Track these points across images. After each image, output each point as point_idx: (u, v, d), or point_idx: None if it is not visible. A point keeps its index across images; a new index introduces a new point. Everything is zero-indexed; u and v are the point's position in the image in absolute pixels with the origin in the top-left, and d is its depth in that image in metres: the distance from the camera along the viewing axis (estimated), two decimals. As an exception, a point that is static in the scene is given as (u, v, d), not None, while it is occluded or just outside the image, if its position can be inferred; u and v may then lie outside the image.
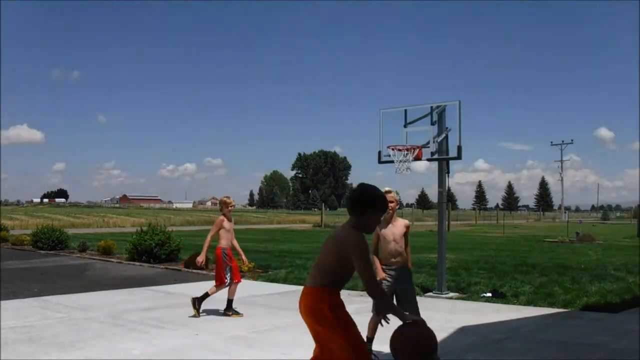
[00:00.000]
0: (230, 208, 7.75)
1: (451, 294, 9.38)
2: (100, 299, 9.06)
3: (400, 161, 9.30)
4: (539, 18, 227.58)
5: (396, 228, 5.40)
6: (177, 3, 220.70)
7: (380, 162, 9.77)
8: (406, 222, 5.58)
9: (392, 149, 9.40)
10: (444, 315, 7.66)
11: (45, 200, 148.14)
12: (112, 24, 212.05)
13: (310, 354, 3.33)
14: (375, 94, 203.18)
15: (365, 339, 4.44)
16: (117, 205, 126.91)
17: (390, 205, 5.18)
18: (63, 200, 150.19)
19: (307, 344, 6.05)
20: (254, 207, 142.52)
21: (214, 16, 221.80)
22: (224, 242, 7.60)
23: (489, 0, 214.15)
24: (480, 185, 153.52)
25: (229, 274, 7.55)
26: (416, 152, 9.30)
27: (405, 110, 9.67)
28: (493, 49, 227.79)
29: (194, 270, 12.72)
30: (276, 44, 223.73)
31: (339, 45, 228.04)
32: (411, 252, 5.72)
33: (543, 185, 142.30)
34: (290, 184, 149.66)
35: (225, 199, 7.81)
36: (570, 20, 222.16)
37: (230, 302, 7.66)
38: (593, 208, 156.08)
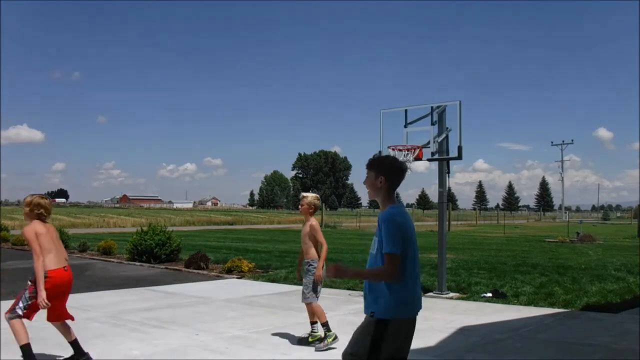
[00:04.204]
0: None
1: (452, 294, 9.37)
2: (101, 299, 9.06)
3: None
4: (539, 18, 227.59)
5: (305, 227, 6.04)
6: (177, 3, 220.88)
7: (380, 162, 9.75)
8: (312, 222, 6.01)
9: (393, 149, 9.39)
10: (444, 315, 7.66)
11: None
12: (112, 24, 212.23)
13: (310, 355, 3.33)
14: (375, 94, 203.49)
15: None
16: (118, 205, 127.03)
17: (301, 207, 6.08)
18: (63, 200, 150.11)
19: (307, 344, 6.06)
20: (255, 207, 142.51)
21: (214, 17, 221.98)
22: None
23: (488, 0, 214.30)
24: (480, 185, 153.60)
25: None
26: (417, 152, 9.29)
27: (406, 111, 9.67)
28: (493, 48, 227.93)
29: (195, 271, 12.72)
30: (276, 44, 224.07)
31: (339, 45, 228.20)
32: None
33: (543, 185, 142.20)
34: (291, 184, 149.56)
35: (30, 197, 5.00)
36: (571, 20, 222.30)
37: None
38: (593, 208, 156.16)
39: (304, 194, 6.14)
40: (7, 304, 8.30)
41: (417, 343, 6.24)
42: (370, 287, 3.05)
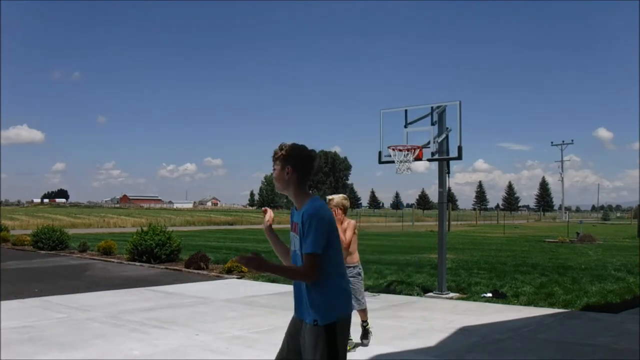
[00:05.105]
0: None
1: (452, 294, 9.37)
2: (101, 299, 9.06)
3: (401, 161, 9.30)
4: (539, 18, 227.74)
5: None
6: (177, 3, 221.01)
7: (380, 162, 9.76)
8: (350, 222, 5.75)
9: (393, 149, 9.39)
10: (444, 315, 7.66)
11: (46, 200, 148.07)
12: (112, 24, 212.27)
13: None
14: (375, 94, 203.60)
15: None
16: (118, 205, 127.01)
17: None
18: (63, 200, 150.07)
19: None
20: (255, 207, 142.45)
21: (214, 17, 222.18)
22: None
23: (488, 0, 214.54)
24: (480, 185, 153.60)
25: None
26: (417, 152, 9.29)
27: (406, 111, 9.67)
28: (493, 49, 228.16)
29: (195, 271, 12.72)
30: (276, 44, 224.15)
31: (339, 45, 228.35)
32: (412, 252, 5.75)
33: (543, 185, 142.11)
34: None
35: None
36: (571, 20, 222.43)
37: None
38: (593, 208, 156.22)
39: (329, 197, 5.73)
40: (8, 304, 8.34)
41: (417, 343, 6.26)
42: (302, 292, 2.86)
